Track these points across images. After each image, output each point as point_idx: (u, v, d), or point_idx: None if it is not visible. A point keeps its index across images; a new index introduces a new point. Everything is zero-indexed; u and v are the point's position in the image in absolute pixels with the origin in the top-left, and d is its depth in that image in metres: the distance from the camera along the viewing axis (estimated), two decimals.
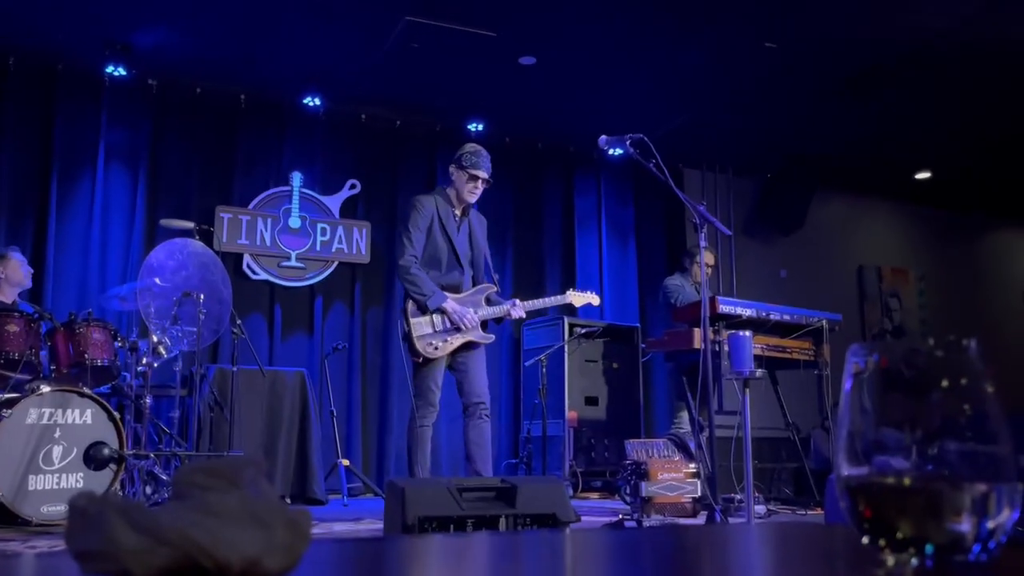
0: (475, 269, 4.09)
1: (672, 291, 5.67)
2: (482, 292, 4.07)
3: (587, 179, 7.55)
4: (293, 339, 6.38)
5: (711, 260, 5.75)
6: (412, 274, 3.88)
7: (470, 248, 4.09)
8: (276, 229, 6.36)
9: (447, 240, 3.98)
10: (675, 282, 5.73)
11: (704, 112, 6.79)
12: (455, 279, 4.00)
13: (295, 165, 6.52)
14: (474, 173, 4.02)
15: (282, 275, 6.36)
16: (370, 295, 6.66)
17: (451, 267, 3.99)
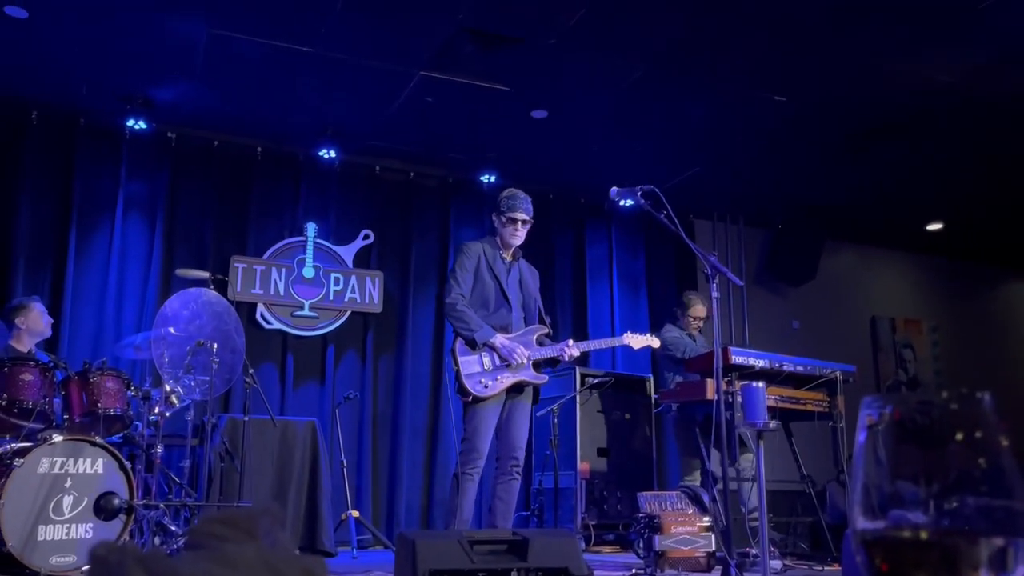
0: (526, 312, 4.09)
1: (675, 343, 5.62)
2: (533, 333, 4.03)
3: (598, 230, 7.60)
4: (305, 388, 6.38)
5: (702, 312, 5.72)
6: (459, 310, 3.85)
7: (520, 291, 4.09)
8: (290, 279, 6.40)
9: (495, 280, 3.98)
10: (674, 334, 5.70)
11: (714, 163, 6.82)
12: (504, 319, 3.97)
13: (310, 215, 6.59)
14: (512, 216, 4.01)
15: (295, 324, 6.38)
16: (382, 344, 6.65)
17: (499, 306, 3.97)
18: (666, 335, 5.72)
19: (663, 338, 5.71)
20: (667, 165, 6.82)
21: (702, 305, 5.74)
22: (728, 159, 6.77)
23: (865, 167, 6.87)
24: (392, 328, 6.70)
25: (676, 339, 5.67)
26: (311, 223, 6.56)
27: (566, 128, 6.24)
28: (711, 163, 6.83)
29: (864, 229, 8.42)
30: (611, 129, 6.27)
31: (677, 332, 5.74)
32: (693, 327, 5.75)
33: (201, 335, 4.56)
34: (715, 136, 6.37)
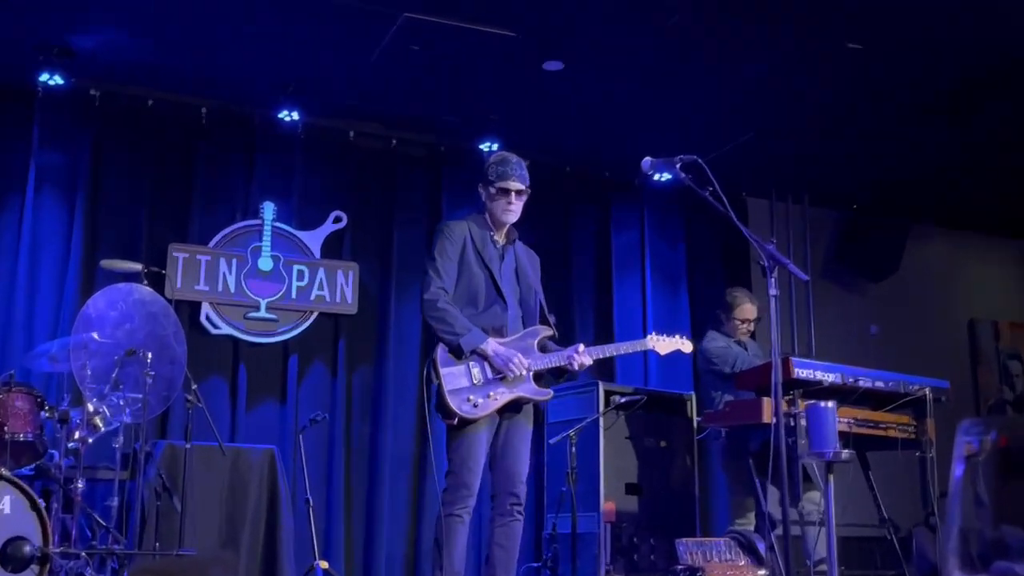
0: (524, 309, 4.09)
1: (720, 355, 5.67)
2: (534, 336, 4.03)
3: (627, 211, 7.60)
4: (261, 408, 6.42)
5: (751, 312, 5.76)
6: (440, 308, 3.85)
7: (516, 282, 4.10)
8: (243, 272, 6.42)
9: (485, 270, 3.99)
10: (719, 344, 5.73)
11: (772, 128, 6.83)
12: (497, 319, 3.97)
13: (267, 193, 6.59)
14: (503, 186, 4.01)
15: (249, 328, 6.40)
16: (357, 353, 6.66)
17: (491, 303, 3.98)
18: (709, 345, 5.75)
19: (706, 349, 5.78)
20: (713, 130, 6.81)
21: (750, 304, 5.79)
22: (789, 123, 6.76)
23: (963, 132, 6.81)
24: (370, 333, 6.71)
25: (722, 349, 5.69)
26: (269, 203, 6.57)
27: (587, 84, 6.22)
28: (768, 128, 6.82)
29: (960, 213, 8.38)
30: (643, 85, 6.26)
31: (723, 340, 5.76)
32: (742, 332, 5.80)
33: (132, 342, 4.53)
34: (773, 94, 6.37)
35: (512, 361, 3.82)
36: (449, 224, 4.08)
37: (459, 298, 3.93)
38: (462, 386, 3.79)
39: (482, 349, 3.82)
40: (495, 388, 3.83)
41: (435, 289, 3.89)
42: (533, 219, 7.10)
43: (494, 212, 4.04)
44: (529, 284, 4.10)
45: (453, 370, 3.81)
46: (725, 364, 5.62)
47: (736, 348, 5.72)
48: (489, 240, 4.04)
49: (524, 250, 4.20)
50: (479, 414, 3.78)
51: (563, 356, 3.99)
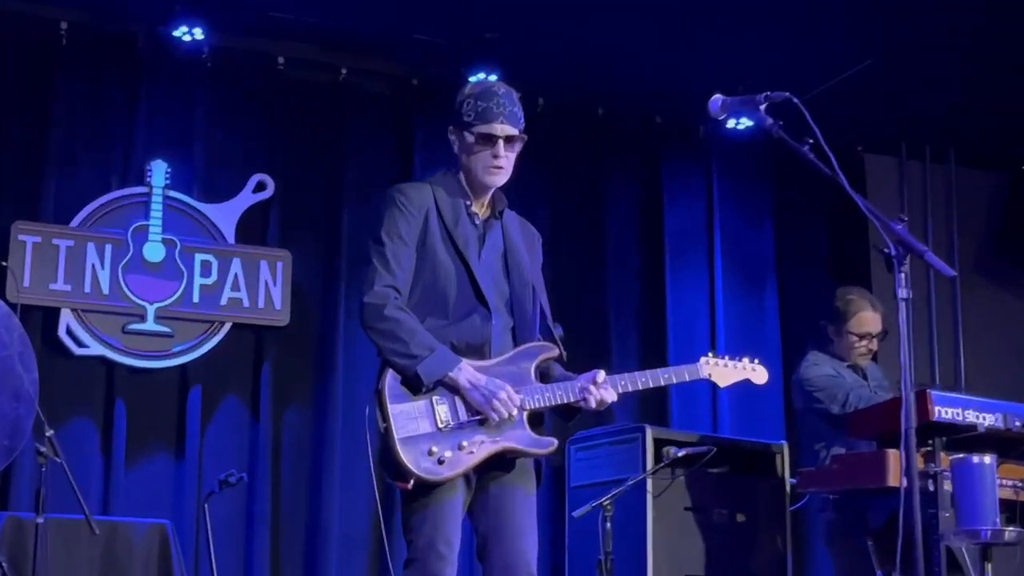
0: (516, 316, 3.99)
1: (826, 387, 5.65)
2: (530, 357, 3.92)
3: (688, 174, 7.64)
4: (148, 465, 6.45)
5: (872, 324, 5.78)
6: (388, 318, 3.75)
7: (505, 275, 4.01)
8: (121, 264, 6.45)
9: (457, 258, 3.91)
10: (824, 370, 5.73)
11: (901, 53, 6.84)
12: (476, 332, 3.88)
13: (157, 149, 6.64)
14: (485, 131, 3.89)
15: (130, 347, 6.43)
16: (290, 384, 6.73)
17: (467, 308, 3.89)
18: (811, 372, 5.76)
19: (805, 378, 5.75)
20: (814, 55, 6.83)
21: (872, 312, 5.78)
22: (926, 45, 6.78)
23: None
24: (308, 354, 6.79)
25: (829, 379, 5.69)
26: (159, 162, 6.61)
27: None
28: (895, 53, 6.83)
29: None
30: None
31: (831, 366, 5.77)
32: (859, 353, 5.80)
33: None
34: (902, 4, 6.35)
35: (497, 397, 3.68)
36: (404, 189, 3.95)
37: (419, 302, 3.86)
38: (421, 432, 3.69)
39: (452, 379, 3.70)
40: (471, 436, 3.72)
41: (381, 289, 3.78)
42: (549, 182, 7.31)
43: (473, 171, 3.93)
44: (524, 278, 4.02)
45: (408, 408, 3.71)
46: (833, 400, 5.58)
47: (850, 376, 5.71)
48: (464, 213, 3.95)
49: (517, 224, 4.12)
50: (446, 474, 3.68)
51: (573, 388, 3.85)
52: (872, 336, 5.77)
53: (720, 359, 4.23)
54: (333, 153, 7.00)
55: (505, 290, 3.96)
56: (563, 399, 3.85)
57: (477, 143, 3.88)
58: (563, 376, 3.95)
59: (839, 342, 5.80)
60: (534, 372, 3.88)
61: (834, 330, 5.81)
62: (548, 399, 3.84)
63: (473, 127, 3.88)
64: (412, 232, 3.86)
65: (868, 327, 5.75)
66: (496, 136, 3.88)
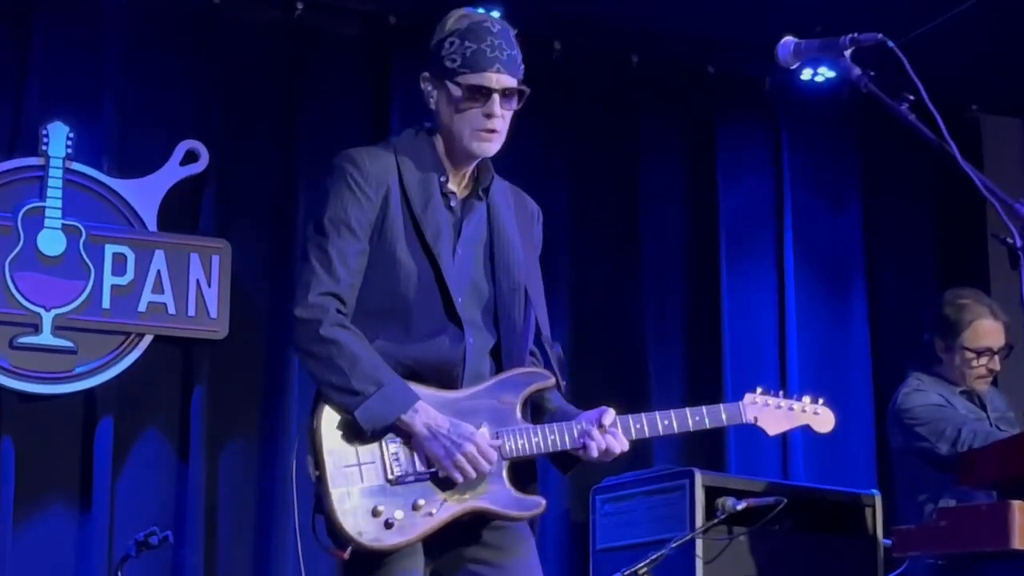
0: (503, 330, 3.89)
1: (931, 419, 5.56)
2: (517, 388, 3.80)
3: (748, 140, 7.56)
4: (44, 521, 6.30)
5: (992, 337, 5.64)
6: (325, 339, 3.60)
7: (489, 275, 3.90)
8: (8, 259, 6.27)
9: (424, 256, 3.77)
10: (929, 399, 5.63)
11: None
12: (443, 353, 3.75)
13: (54, 107, 6.43)
14: (475, 82, 3.68)
15: (19, 366, 6.24)
16: (229, 412, 6.57)
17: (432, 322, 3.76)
18: (911, 401, 5.69)
19: (905, 409, 5.73)
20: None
21: (991, 320, 5.66)
22: None
23: None
24: (252, 373, 6.68)
25: (936, 410, 5.60)
26: (58, 124, 6.38)
27: None
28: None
29: None
30: None
31: (937, 392, 5.68)
32: (976, 375, 5.67)
33: None
34: None
35: (463, 450, 3.50)
36: (357, 160, 3.74)
37: (370, 312, 3.69)
38: (364, 485, 3.56)
39: (405, 423, 3.54)
40: (430, 492, 3.61)
41: (317, 299, 3.61)
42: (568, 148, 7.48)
43: (457, 134, 3.73)
44: (514, 279, 3.84)
45: (349, 454, 3.57)
46: (940, 438, 5.48)
47: (963, 406, 5.63)
48: (437, 192, 3.77)
49: (508, 199, 3.95)
50: (394, 542, 3.55)
51: (571, 432, 3.70)
52: (993, 352, 5.66)
53: (772, 397, 4.11)
54: (287, 114, 6.85)
55: (488, 296, 3.90)
56: (556, 445, 3.74)
57: (465, 98, 3.76)
58: (560, 410, 3.87)
59: (949, 360, 5.73)
60: (520, 407, 3.79)
61: (943, 345, 5.73)
62: (537, 445, 3.73)
63: (458, 76, 3.75)
64: (365, 220, 3.76)
65: (988, 340, 5.65)
66: (491, 89, 3.76)
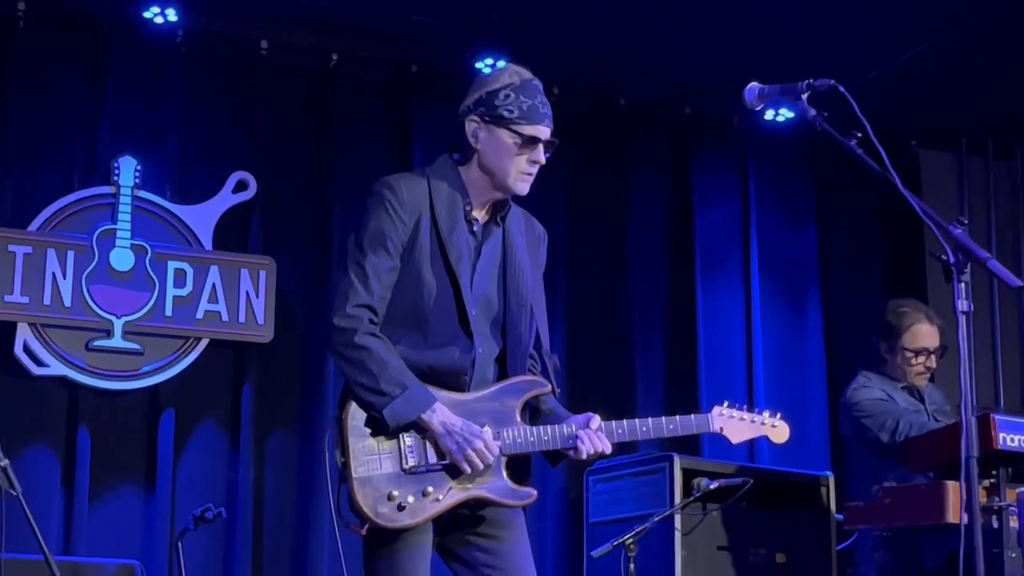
0: (509, 341, 3.96)
1: (874, 411, 5.67)
2: (517, 393, 3.89)
3: (720, 171, 7.71)
4: (115, 498, 6.48)
5: (929, 339, 5.79)
6: (360, 346, 3.70)
7: (501, 293, 3.97)
8: (85, 274, 6.46)
9: (446, 276, 3.84)
10: (873, 393, 5.75)
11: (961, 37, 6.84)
12: (454, 360, 3.84)
13: (125, 143, 6.65)
14: (531, 132, 3.81)
15: (95, 366, 6.44)
16: (274, 406, 6.76)
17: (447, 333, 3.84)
18: (859, 395, 5.78)
19: (854, 402, 5.79)
20: (862, 39, 6.87)
21: (928, 325, 5.81)
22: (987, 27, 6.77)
23: None
24: (295, 374, 6.83)
25: (878, 403, 5.71)
26: (128, 159, 6.62)
27: None
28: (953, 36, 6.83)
29: None
30: None
31: (880, 388, 5.79)
32: (915, 372, 5.83)
33: None
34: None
35: (472, 446, 3.67)
36: (395, 187, 3.80)
37: (393, 320, 3.81)
38: (382, 473, 3.67)
39: (424, 421, 3.68)
40: (439, 481, 3.71)
41: (354, 310, 3.71)
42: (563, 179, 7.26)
43: (499, 173, 3.85)
44: (522, 297, 3.97)
45: (370, 444, 3.67)
46: (881, 428, 5.59)
47: (903, 400, 5.75)
48: (462, 218, 3.89)
49: (520, 225, 4.06)
50: (406, 522, 3.66)
51: (562, 434, 3.82)
52: (929, 352, 5.77)
53: (736, 410, 4.17)
54: (323, 149, 7.02)
55: (498, 310, 3.94)
56: (549, 445, 3.83)
57: (518, 145, 3.81)
58: (552, 412, 3.94)
59: (892, 360, 5.82)
60: (520, 410, 3.87)
61: (886, 347, 5.84)
62: (532, 444, 3.82)
63: (515, 125, 3.79)
64: (398, 241, 3.78)
65: (924, 342, 5.76)
66: (540, 140, 3.83)
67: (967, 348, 3.57)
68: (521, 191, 3.88)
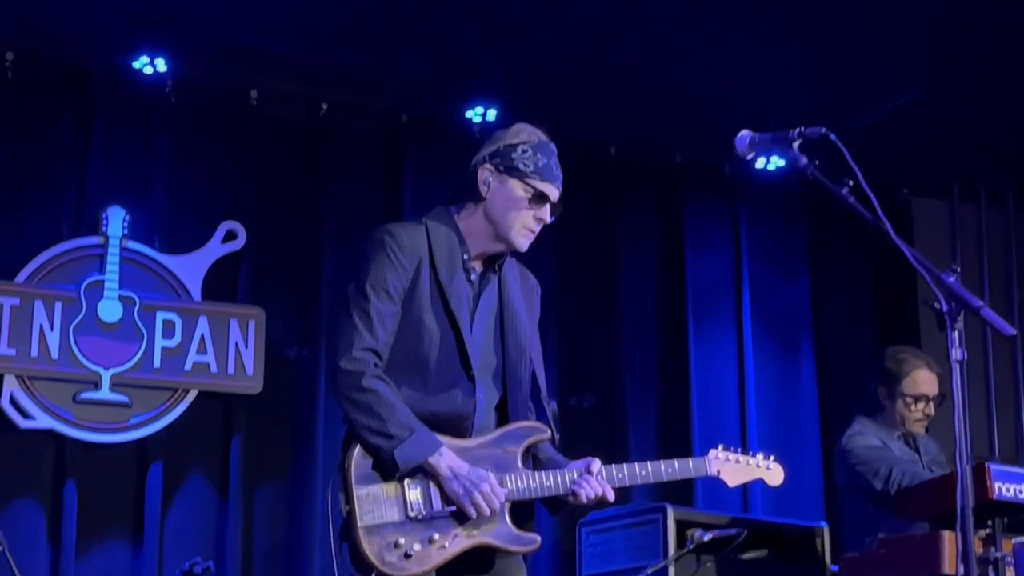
0: (509, 388, 3.99)
1: (867, 459, 5.66)
2: (518, 440, 3.90)
3: (711, 220, 7.75)
4: (101, 552, 6.45)
5: (928, 386, 5.78)
6: (367, 389, 3.70)
7: (499, 340, 4.00)
8: (73, 325, 6.46)
9: (447, 321, 3.88)
10: (868, 440, 5.75)
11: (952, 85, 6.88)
12: (456, 405, 3.85)
13: (113, 193, 6.67)
14: (542, 188, 3.86)
15: (82, 419, 6.42)
16: (263, 458, 6.76)
17: (450, 378, 3.86)
18: (853, 442, 5.78)
19: (848, 450, 5.77)
20: (854, 87, 6.89)
21: (927, 371, 5.80)
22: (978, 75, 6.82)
23: None
24: (284, 426, 6.83)
25: (872, 450, 5.71)
26: (116, 208, 6.63)
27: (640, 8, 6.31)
28: (944, 84, 6.88)
29: None
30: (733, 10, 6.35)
31: (876, 437, 5.78)
32: (914, 419, 5.82)
33: None
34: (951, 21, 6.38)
35: (479, 490, 3.67)
36: (396, 233, 3.85)
37: (395, 365, 3.82)
38: (388, 520, 3.67)
39: (430, 465, 3.69)
40: (444, 528, 3.71)
41: (360, 354, 3.73)
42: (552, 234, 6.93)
43: (503, 224, 3.88)
44: (520, 344, 4.00)
45: (375, 491, 3.69)
46: (875, 476, 5.58)
47: (898, 449, 5.73)
48: (461, 266, 3.93)
49: (515, 275, 4.08)
50: (413, 571, 3.67)
51: (563, 480, 3.84)
52: (928, 399, 5.76)
53: (732, 453, 4.22)
54: (312, 198, 7.05)
55: (496, 359, 3.96)
56: (551, 490, 3.84)
57: (528, 199, 3.84)
58: (552, 459, 3.95)
59: (891, 406, 5.81)
60: (521, 457, 3.87)
61: (885, 392, 5.83)
62: (535, 490, 3.83)
63: (529, 179, 3.83)
64: (400, 287, 3.82)
65: (924, 388, 5.75)
66: (549, 199, 3.86)
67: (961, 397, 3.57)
68: (521, 247, 3.89)
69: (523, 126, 3.95)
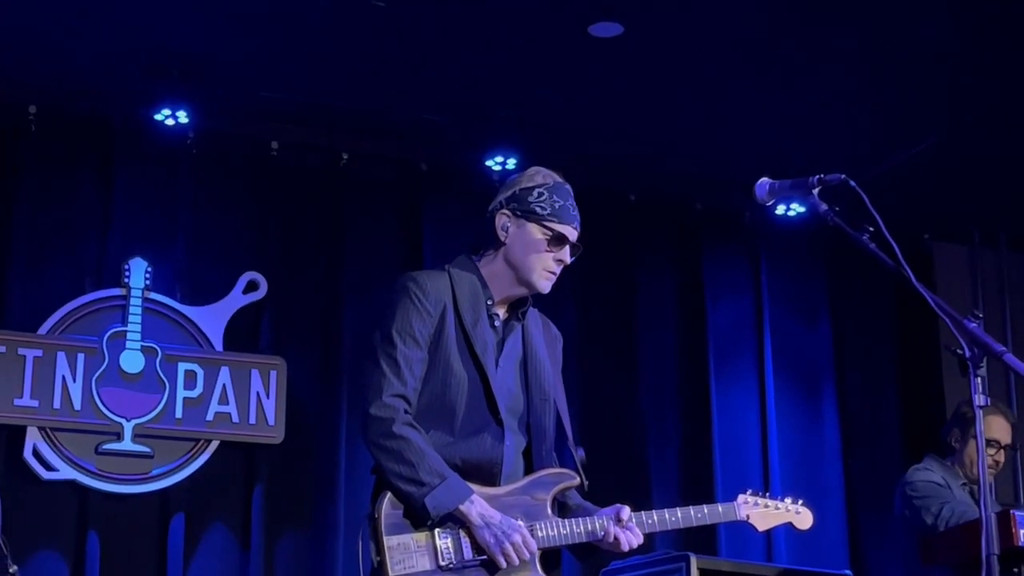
0: (534, 435, 3.96)
1: (927, 494, 5.65)
2: (547, 487, 3.88)
3: (732, 267, 7.75)
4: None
5: (1004, 433, 5.82)
6: (397, 436, 3.70)
7: (523, 387, 3.98)
8: (95, 376, 6.46)
9: (473, 367, 3.88)
10: (931, 476, 5.74)
11: (972, 130, 6.87)
12: (485, 451, 3.85)
13: (135, 245, 6.67)
14: (560, 231, 3.88)
15: (104, 470, 6.41)
16: (285, 508, 6.72)
17: (476, 424, 3.85)
18: (916, 475, 5.80)
19: (908, 481, 5.80)
20: (873, 133, 6.90)
21: (1004, 420, 5.88)
22: (998, 119, 6.79)
23: None
24: (307, 476, 6.80)
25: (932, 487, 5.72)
26: (138, 260, 6.64)
27: (659, 55, 6.32)
28: (964, 128, 6.84)
29: None
30: (747, 58, 6.36)
31: (940, 476, 5.78)
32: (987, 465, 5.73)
33: None
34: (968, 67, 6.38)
35: (511, 540, 3.66)
36: (420, 280, 3.86)
37: (423, 412, 3.81)
38: (419, 570, 3.65)
39: (462, 512, 3.67)
40: None
41: (390, 400, 3.73)
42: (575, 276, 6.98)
43: (523, 268, 3.89)
44: (544, 391, 3.99)
45: (407, 540, 3.66)
46: (927, 510, 5.61)
47: (960, 493, 5.70)
48: (484, 312, 3.94)
49: (538, 325, 4.09)
50: None
51: (594, 526, 3.83)
52: (1000, 446, 5.82)
53: (761, 498, 4.21)
54: (332, 248, 7.05)
55: (521, 405, 3.94)
56: (581, 537, 3.83)
57: (547, 241, 3.84)
58: (580, 507, 3.93)
59: (962, 449, 5.80)
60: (550, 504, 3.85)
61: (958, 434, 5.81)
62: (565, 537, 3.82)
63: (547, 221, 3.84)
64: (426, 332, 3.82)
65: (998, 434, 5.82)
66: (568, 240, 3.87)
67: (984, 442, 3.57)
68: (543, 289, 3.90)
69: (538, 169, 3.97)
